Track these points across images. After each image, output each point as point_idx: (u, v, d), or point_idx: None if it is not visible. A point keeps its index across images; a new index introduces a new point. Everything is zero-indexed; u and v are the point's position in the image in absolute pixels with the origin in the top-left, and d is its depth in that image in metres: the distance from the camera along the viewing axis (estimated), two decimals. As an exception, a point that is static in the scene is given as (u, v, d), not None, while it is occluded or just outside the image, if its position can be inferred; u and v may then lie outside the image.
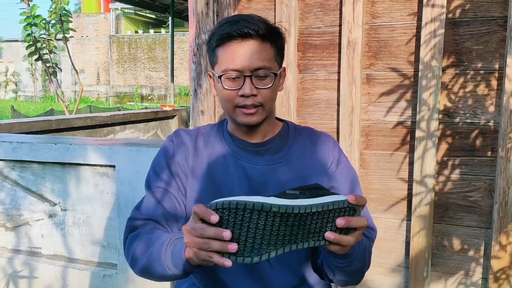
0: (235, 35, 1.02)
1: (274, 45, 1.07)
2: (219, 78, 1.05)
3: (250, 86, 1.03)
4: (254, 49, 1.02)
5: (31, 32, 5.36)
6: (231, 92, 1.04)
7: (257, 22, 1.03)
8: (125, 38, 25.83)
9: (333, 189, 1.12)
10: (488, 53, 1.78)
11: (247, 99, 1.04)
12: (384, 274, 2.01)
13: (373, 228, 1.18)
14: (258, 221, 0.77)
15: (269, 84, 1.05)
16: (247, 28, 1.01)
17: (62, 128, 4.22)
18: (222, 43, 1.04)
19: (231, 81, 1.04)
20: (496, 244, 1.79)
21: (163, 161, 1.14)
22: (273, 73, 1.05)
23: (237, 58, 1.02)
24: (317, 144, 1.16)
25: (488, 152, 1.81)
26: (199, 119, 2.17)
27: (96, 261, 2.38)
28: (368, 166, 1.99)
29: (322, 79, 2.03)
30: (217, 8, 2.12)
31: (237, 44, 1.02)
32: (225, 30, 1.03)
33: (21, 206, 2.47)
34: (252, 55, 1.02)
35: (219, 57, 1.05)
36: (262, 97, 1.05)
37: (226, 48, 1.04)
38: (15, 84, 27.89)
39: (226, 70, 1.03)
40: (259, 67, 1.03)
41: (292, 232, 0.81)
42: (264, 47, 1.04)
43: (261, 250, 0.79)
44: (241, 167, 1.10)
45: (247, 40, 1.02)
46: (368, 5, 1.92)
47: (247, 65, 1.02)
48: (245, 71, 1.03)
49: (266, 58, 1.04)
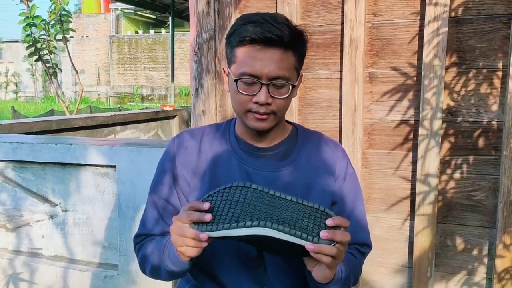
0: (258, 39, 0.98)
1: (297, 53, 1.03)
2: (235, 81, 1.02)
3: (266, 95, 1.00)
4: (276, 57, 0.99)
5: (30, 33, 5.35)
6: (245, 97, 1.02)
7: (282, 27, 0.99)
8: (125, 38, 25.85)
9: (335, 203, 1.12)
10: (492, 51, 1.76)
11: (260, 107, 1.01)
12: (387, 274, 2.00)
13: (368, 245, 1.16)
14: (240, 196, 0.89)
15: (285, 94, 1.02)
16: (271, 34, 0.97)
17: (63, 128, 4.21)
18: (243, 44, 1.00)
19: (247, 86, 1.01)
20: (500, 243, 1.78)
21: (164, 165, 1.14)
22: (291, 84, 1.03)
23: (257, 64, 0.99)
24: (325, 152, 1.14)
25: (492, 151, 1.80)
26: (200, 119, 2.16)
27: (97, 262, 2.37)
28: (370, 165, 1.97)
29: (324, 78, 2.02)
30: (218, 7, 2.11)
31: (259, 49, 0.99)
32: (248, 33, 0.99)
33: (21, 207, 2.46)
34: (272, 63, 0.99)
35: (238, 57, 1.02)
36: (276, 106, 1.02)
37: (246, 51, 1.00)
38: (16, 85, 27.91)
39: (243, 74, 1.00)
40: (278, 76, 1.00)
41: (268, 211, 0.87)
42: (286, 56, 1.00)
43: (238, 219, 0.86)
44: (245, 172, 1.08)
45: (269, 47, 0.99)
46: (370, 3, 1.91)
47: (266, 73, 0.99)
48: (263, 79, 0.99)
49: (286, 67, 1.01)
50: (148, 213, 1.15)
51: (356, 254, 1.13)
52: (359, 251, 1.14)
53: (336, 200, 1.12)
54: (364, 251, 1.15)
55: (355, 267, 1.10)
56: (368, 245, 1.17)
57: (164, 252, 1.02)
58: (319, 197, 1.08)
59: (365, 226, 1.16)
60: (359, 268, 1.14)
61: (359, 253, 1.14)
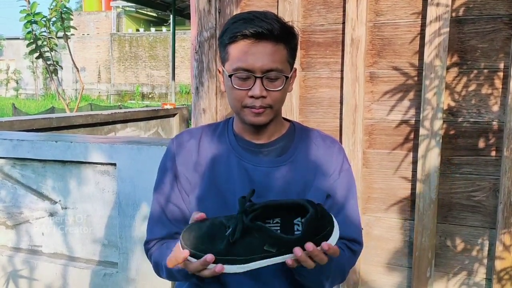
0: (249, 34, 1.00)
1: (288, 46, 1.05)
2: (229, 77, 1.03)
3: (260, 88, 1.01)
4: (267, 50, 1.01)
5: (31, 30, 5.36)
6: (241, 92, 1.03)
7: (272, 22, 1.01)
8: (126, 36, 25.82)
9: (328, 197, 1.12)
10: (493, 51, 1.76)
11: (256, 100, 1.02)
12: (387, 274, 2.00)
13: (357, 241, 1.15)
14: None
15: (280, 86, 1.04)
16: (261, 28, 0.99)
17: (63, 126, 4.22)
18: (234, 40, 1.02)
19: (241, 81, 1.02)
20: (500, 244, 1.78)
21: (165, 165, 1.16)
22: (284, 76, 1.04)
23: (249, 58, 1.00)
24: (323, 148, 1.15)
25: (492, 151, 1.80)
26: (201, 117, 2.16)
27: (96, 259, 2.37)
28: (371, 165, 1.97)
29: (325, 77, 2.01)
30: (219, 6, 2.10)
31: (250, 44, 1.01)
32: (239, 28, 1.01)
33: (21, 204, 2.46)
34: (264, 56, 1.00)
35: (231, 54, 1.03)
36: (272, 99, 1.04)
37: (238, 47, 1.02)
38: (16, 82, 27.89)
39: (237, 69, 1.02)
40: (271, 68, 1.01)
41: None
42: (278, 49, 1.02)
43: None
44: (244, 168, 1.09)
45: (260, 40, 1.00)
46: (372, 3, 1.90)
47: (258, 66, 1.01)
48: (256, 72, 1.01)
49: (278, 60, 1.02)
50: (154, 216, 1.16)
51: (345, 249, 1.11)
52: (348, 248, 1.13)
53: (329, 194, 1.12)
54: (354, 248, 1.14)
55: (341, 259, 1.07)
56: (358, 242, 1.16)
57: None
58: (315, 192, 1.09)
59: (356, 222, 1.16)
60: (347, 262, 1.12)
61: (348, 249, 1.12)
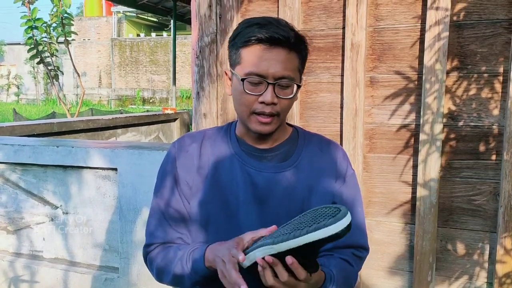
0: (264, 39, 1.00)
1: (300, 55, 1.05)
2: (241, 80, 1.02)
3: (272, 94, 1.01)
4: (281, 57, 1.00)
5: (32, 35, 5.37)
6: (251, 97, 1.02)
7: (287, 29, 1.01)
8: (127, 41, 25.89)
9: (335, 203, 1.12)
10: (493, 56, 1.77)
11: (266, 107, 1.02)
12: (388, 278, 2.00)
13: (365, 248, 1.16)
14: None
15: (290, 94, 1.03)
16: (277, 34, 0.99)
17: (64, 131, 4.22)
18: (248, 44, 1.01)
19: (252, 86, 1.02)
20: (501, 248, 1.78)
21: (166, 169, 1.15)
22: (295, 84, 1.04)
23: (263, 63, 1.00)
24: (326, 153, 1.14)
25: (492, 155, 1.80)
26: (202, 122, 2.16)
27: (97, 264, 2.37)
28: (371, 169, 1.97)
29: (325, 81, 2.02)
30: (220, 11, 2.11)
31: (264, 49, 1.00)
32: (254, 32, 1.00)
33: (22, 209, 2.46)
34: (278, 63, 1.00)
35: (243, 58, 1.03)
36: (281, 107, 1.03)
37: (252, 51, 1.01)
38: (17, 87, 27.94)
39: (249, 73, 1.01)
40: (283, 76, 1.01)
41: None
42: (291, 57, 1.02)
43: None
44: (247, 173, 1.08)
45: (275, 46, 1.00)
46: (371, 8, 1.91)
47: (272, 73, 1.00)
48: (269, 78, 1.00)
49: (291, 68, 1.02)
50: (154, 220, 1.15)
51: (353, 262, 1.11)
52: (356, 256, 1.13)
53: (335, 201, 1.12)
54: (361, 255, 1.15)
55: (349, 275, 1.08)
56: (365, 248, 1.16)
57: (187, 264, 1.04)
58: (321, 197, 1.09)
59: (363, 228, 1.16)
60: (355, 276, 1.13)
61: (356, 258, 1.13)
